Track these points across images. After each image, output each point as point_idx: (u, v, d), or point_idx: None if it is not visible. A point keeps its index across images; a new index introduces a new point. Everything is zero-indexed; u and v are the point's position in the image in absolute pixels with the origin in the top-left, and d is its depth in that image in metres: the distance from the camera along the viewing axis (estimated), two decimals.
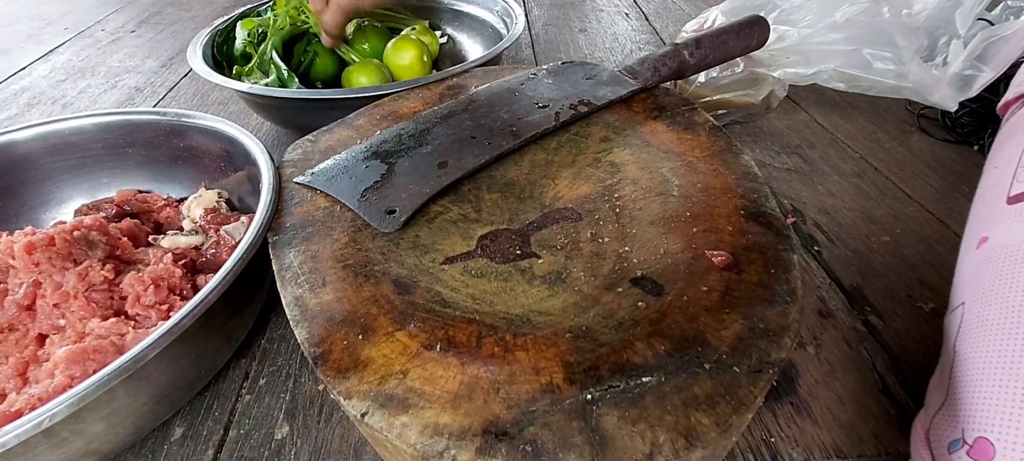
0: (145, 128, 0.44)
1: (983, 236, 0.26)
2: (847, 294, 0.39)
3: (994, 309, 0.23)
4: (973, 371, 0.23)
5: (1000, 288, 0.23)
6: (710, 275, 0.27)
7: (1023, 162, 0.27)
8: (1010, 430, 0.20)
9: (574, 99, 0.41)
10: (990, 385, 0.22)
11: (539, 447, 0.20)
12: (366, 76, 0.59)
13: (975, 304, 0.24)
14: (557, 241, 0.31)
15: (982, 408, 0.21)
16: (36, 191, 0.44)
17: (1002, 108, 0.32)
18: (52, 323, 0.32)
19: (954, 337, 0.25)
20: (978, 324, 0.24)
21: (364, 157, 0.36)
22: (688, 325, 0.24)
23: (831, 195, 0.49)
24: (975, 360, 0.23)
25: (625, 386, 0.22)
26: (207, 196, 0.42)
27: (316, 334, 0.25)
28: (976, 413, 0.22)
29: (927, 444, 0.23)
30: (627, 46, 0.80)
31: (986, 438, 0.21)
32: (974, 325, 0.24)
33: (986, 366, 0.22)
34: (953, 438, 0.22)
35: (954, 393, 0.23)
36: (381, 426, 0.21)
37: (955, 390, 0.23)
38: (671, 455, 0.20)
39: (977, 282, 0.25)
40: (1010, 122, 0.30)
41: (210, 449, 0.31)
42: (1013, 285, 0.23)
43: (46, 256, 0.33)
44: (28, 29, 0.95)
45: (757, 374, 0.22)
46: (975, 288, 0.25)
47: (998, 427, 0.21)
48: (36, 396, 0.28)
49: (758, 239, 0.29)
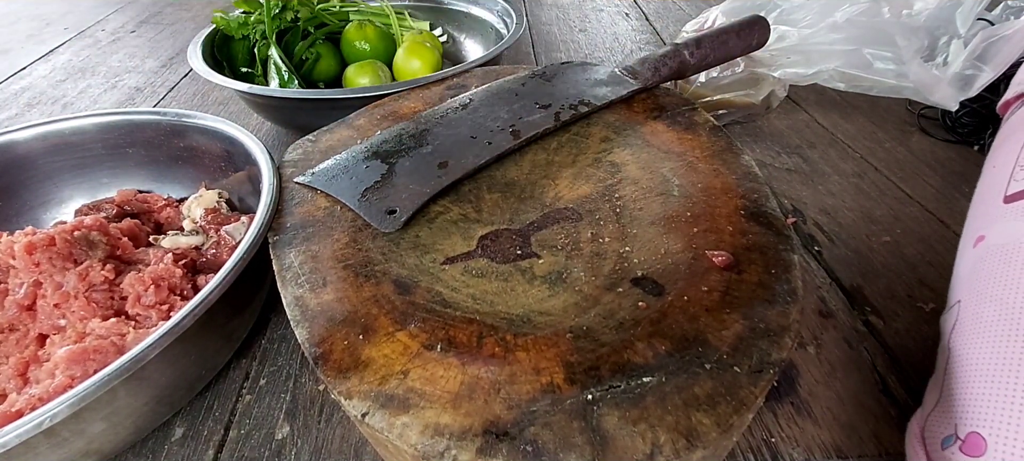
0: (145, 128, 0.44)
1: (980, 235, 0.26)
2: (847, 294, 0.39)
3: (988, 306, 0.23)
4: (966, 368, 0.23)
5: (995, 286, 0.23)
6: (711, 275, 0.27)
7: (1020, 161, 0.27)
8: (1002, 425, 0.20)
9: (574, 99, 0.41)
10: (983, 381, 0.22)
11: (540, 447, 0.20)
12: (366, 77, 0.59)
13: (970, 302, 0.24)
14: (558, 241, 0.31)
15: (975, 404, 0.22)
16: (36, 191, 0.44)
17: (1002, 107, 0.32)
18: (52, 323, 0.32)
19: (949, 335, 0.25)
20: (973, 321, 0.24)
21: (364, 157, 0.36)
22: (689, 325, 0.24)
23: (831, 195, 0.49)
24: (969, 357, 0.23)
25: (626, 386, 0.22)
26: (207, 196, 0.42)
27: (317, 334, 0.25)
28: (969, 409, 0.22)
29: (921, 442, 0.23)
30: (627, 46, 0.80)
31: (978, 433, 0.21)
32: (969, 322, 0.24)
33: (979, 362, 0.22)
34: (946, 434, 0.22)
35: (948, 390, 0.23)
36: (382, 426, 0.21)
37: (949, 387, 0.23)
38: (672, 455, 0.20)
39: (973, 280, 0.25)
40: (1010, 121, 0.30)
41: (210, 449, 0.31)
42: (1008, 282, 0.23)
43: (46, 256, 0.33)
44: (28, 29, 0.95)
45: (758, 374, 0.22)
46: (971, 286, 0.25)
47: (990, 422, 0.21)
48: (36, 396, 0.28)
49: (758, 239, 0.29)
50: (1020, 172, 0.26)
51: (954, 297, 0.26)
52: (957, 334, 0.24)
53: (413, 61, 0.60)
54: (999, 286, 0.23)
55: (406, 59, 0.60)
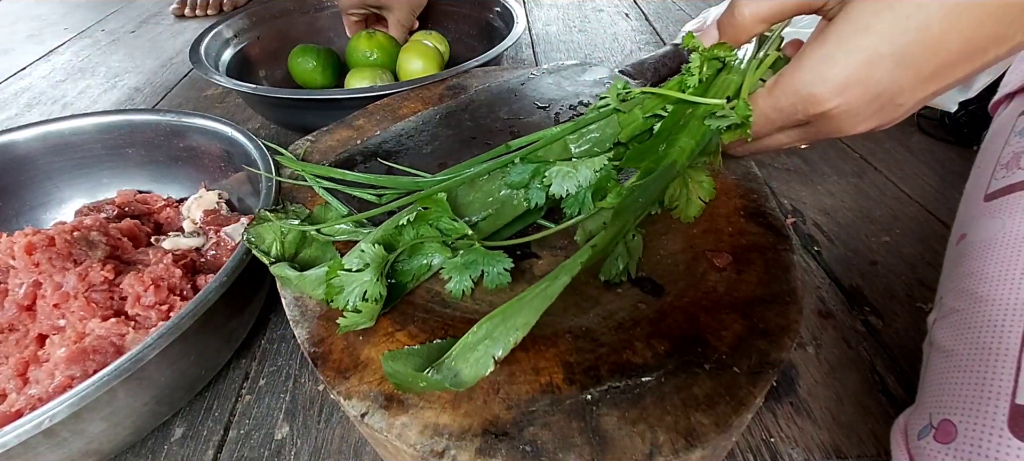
0: (145, 128, 0.44)
1: (962, 233, 0.27)
2: (847, 294, 0.39)
3: (964, 301, 0.24)
4: (942, 360, 0.23)
5: (971, 281, 0.24)
6: (710, 275, 0.27)
7: (1001, 160, 0.27)
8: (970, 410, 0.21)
9: (574, 99, 0.41)
10: (954, 371, 0.22)
11: (539, 447, 0.20)
12: (366, 79, 0.58)
13: (949, 298, 0.25)
14: (557, 241, 0.31)
15: (946, 393, 0.22)
16: (36, 191, 0.44)
17: (992, 107, 0.33)
18: (52, 323, 0.32)
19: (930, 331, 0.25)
20: (950, 316, 0.24)
21: (364, 157, 0.36)
22: (688, 325, 0.24)
23: (831, 195, 0.49)
24: (945, 349, 0.23)
25: (625, 386, 0.22)
26: (207, 197, 0.42)
27: (316, 334, 0.25)
28: (941, 398, 0.22)
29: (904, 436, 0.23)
30: (627, 46, 0.80)
31: (949, 420, 0.21)
32: (947, 317, 0.24)
33: (953, 354, 0.23)
34: (923, 425, 0.22)
35: (925, 384, 0.24)
36: (381, 426, 0.21)
37: (926, 381, 0.24)
38: (671, 455, 0.20)
39: (954, 277, 0.25)
40: (996, 122, 0.31)
41: (210, 449, 0.31)
42: (982, 278, 0.23)
43: (46, 256, 0.33)
44: (28, 29, 0.95)
45: (757, 374, 0.22)
46: (951, 283, 0.25)
47: (960, 408, 0.21)
48: (36, 396, 0.28)
49: (758, 239, 0.29)
50: (1000, 171, 0.27)
51: (938, 295, 0.27)
52: (936, 330, 0.25)
53: (414, 61, 0.60)
54: (974, 281, 0.24)
55: (407, 59, 0.60)
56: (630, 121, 0.29)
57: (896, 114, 0.24)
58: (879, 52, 0.22)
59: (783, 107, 0.26)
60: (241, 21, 0.66)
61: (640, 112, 0.29)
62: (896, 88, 0.23)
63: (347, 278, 0.25)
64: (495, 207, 0.29)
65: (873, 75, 0.23)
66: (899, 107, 0.24)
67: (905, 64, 0.22)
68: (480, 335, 0.22)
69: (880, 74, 0.23)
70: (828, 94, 0.24)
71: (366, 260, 0.25)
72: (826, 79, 0.23)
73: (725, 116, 0.27)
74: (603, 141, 0.30)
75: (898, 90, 0.23)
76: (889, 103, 0.24)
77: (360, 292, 0.24)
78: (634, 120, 0.29)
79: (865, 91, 0.23)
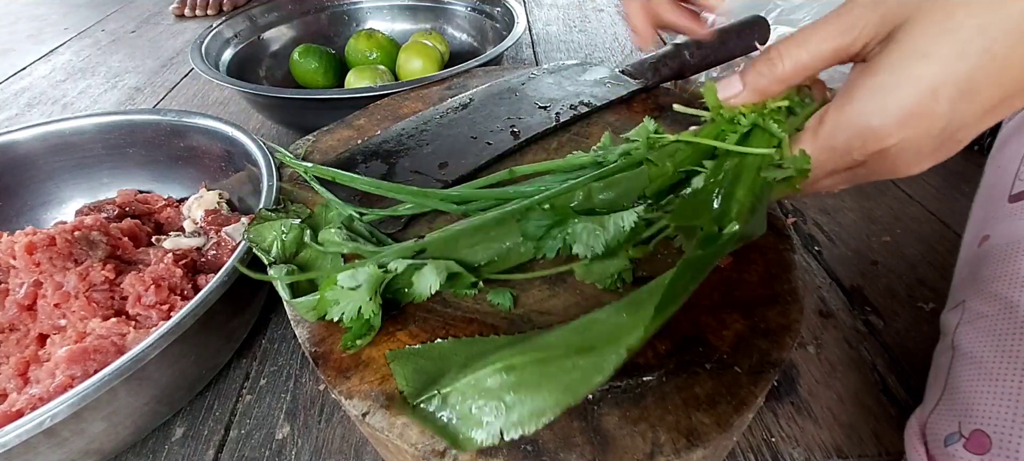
0: (145, 128, 0.44)
1: (985, 234, 0.26)
2: (847, 294, 0.39)
3: (993, 305, 0.23)
4: (971, 367, 0.23)
5: (1000, 284, 0.23)
6: (711, 275, 0.27)
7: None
8: (1007, 423, 0.20)
9: (574, 99, 0.41)
10: (988, 380, 0.22)
11: (540, 447, 0.20)
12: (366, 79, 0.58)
13: (975, 301, 0.25)
14: None
15: (979, 402, 0.22)
16: (37, 191, 0.44)
17: None
18: (53, 323, 0.32)
19: (952, 334, 0.25)
20: (978, 321, 0.24)
21: (365, 157, 0.36)
22: (689, 325, 0.24)
23: (831, 195, 0.49)
24: (973, 356, 0.23)
25: (626, 386, 0.22)
26: (208, 197, 0.42)
27: (317, 334, 0.25)
28: (973, 407, 0.22)
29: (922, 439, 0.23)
30: (627, 46, 0.80)
31: (983, 430, 0.21)
32: (974, 322, 0.24)
33: (984, 361, 0.22)
34: (950, 432, 0.22)
35: (952, 388, 0.23)
36: (382, 426, 0.21)
37: (953, 385, 0.23)
38: (672, 454, 0.20)
39: (978, 280, 0.25)
40: (1012, 121, 0.30)
41: (211, 449, 0.31)
42: (1012, 281, 0.23)
43: (47, 256, 0.33)
44: (28, 29, 0.95)
45: (758, 374, 0.22)
46: (976, 286, 0.25)
47: (995, 420, 0.21)
48: (37, 396, 0.28)
49: (758, 239, 0.29)
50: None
51: (958, 296, 0.26)
52: (961, 333, 0.24)
53: (414, 61, 0.60)
54: (1004, 285, 0.23)
55: (407, 59, 0.60)
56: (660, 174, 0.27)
57: (953, 151, 0.22)
58: (942, 79, 0.20)
59: (836, 146, 0.23)
60: (241, 21, 0.66)
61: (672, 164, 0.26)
62: (959, 121, 0.20)
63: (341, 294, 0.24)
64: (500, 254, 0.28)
65: (936, 107, 0.20)
66: (958, 143, 0.21)
67: (969, 94, 0.20)
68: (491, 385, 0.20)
69: (943, 105, 0.20)
70: (890, 127, 0.21)
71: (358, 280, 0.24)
72: (887, 110, 0.21)
73: (782, 168, 0.24)
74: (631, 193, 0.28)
75: (960, 123, 0.21)
76: (950, 138, 0.21)
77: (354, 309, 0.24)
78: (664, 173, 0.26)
79: (929, 124, 0.20)
